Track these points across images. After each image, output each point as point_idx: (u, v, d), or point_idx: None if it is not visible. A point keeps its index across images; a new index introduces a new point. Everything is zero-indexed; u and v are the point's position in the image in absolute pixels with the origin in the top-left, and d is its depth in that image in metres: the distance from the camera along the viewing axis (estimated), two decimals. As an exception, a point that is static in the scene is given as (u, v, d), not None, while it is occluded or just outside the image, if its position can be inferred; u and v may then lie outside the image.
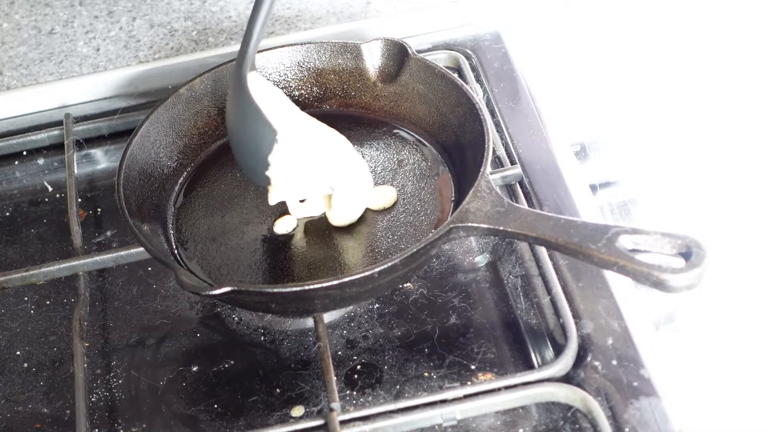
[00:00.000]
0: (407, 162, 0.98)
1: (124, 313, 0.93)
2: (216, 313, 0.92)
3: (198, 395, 0.86)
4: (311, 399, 0.84)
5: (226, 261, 0.92)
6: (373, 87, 1.02)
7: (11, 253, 1.01)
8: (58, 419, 0.86)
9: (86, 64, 1.16)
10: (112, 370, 0.89)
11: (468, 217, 0.83)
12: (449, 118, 0.97)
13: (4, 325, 0.94)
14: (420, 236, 0.91)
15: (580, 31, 1.21)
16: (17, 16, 1.23)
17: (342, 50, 1.02)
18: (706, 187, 1.13)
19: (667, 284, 0.75)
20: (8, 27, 1.22)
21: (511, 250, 0.93)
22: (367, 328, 0.88)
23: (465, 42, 1.14)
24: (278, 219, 0.94)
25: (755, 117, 1.17)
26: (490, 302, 0.89)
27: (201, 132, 1.01)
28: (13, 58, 1.18)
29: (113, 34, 1.19)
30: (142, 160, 0.95)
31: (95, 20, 1.21)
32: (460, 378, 0.83)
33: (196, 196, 0.98)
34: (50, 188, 1.07)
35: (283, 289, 0.82)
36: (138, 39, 1.18)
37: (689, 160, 1.15)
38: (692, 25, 1.22)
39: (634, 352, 0.82)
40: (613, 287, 0.87)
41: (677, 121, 1.17)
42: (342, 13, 1.17)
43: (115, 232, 1.00)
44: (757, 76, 1.20)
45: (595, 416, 0.77)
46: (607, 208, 1.00)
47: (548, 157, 0.98)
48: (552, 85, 1.10)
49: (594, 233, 0.78)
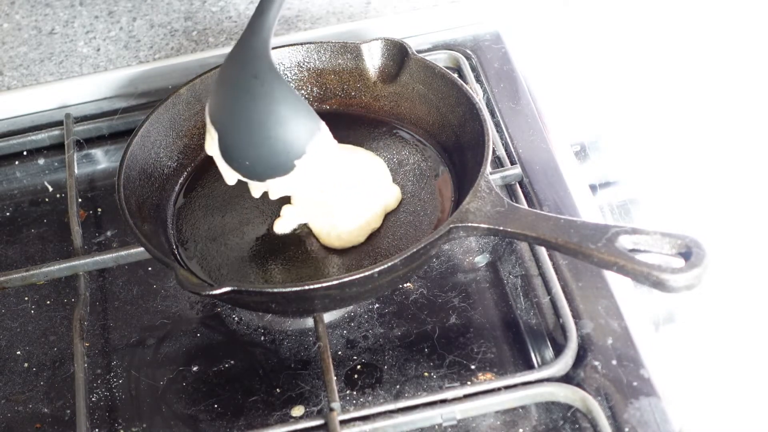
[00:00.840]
0: (407, 162, 0.98)
1: (125, 313, 0.93)
2: (216, 313, 0.92)
3: (198, 395, 0.86)
4: (311, 399, 0.84)
5: (226, 261, 0.92)
6: (373, 87, 1.02)
7: (11, 253, 1.01)
8: (58, 419, 0.86)
9: (86, 64, 1.16)
10: (113, 370, 0.89)
11: (468, 217, 0.83)
12: (449, 118, 0.97)
13: (4, 325, 0.94)
14: (420, 236, 0.91)
15: (580, 31, 1.21)
16: (18, 17, 1.23)
17: (342, 50, 1.02)
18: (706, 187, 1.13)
19: (667, 284, 0.75)
20: (9, 27, 1.22)
21: (511, 250, 0.93)
22: (367, 328, 0.88)
23: (465, 42, 1.14)
24: (278, 219, 0.94)
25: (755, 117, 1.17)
26: (490, 302, 0.89)
27: (201, 132, 1.01)
28: (13, 58, 1.18)
29: (113, 34, 1.19)
30: (143, 160, 0.95)
31: (95, 20, 1.21)
32: (460, 378, 0.84)
33: (196, 196, 0.98)
34: (50, 188, 1.07)
35: (283, 289, 0.82)
36: (138, 39, 1.18)
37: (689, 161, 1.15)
38: (692, 26, 1.22)
39: (634, 352, 0.82)
40: (613, 287, 0.87)
41: (677, 122, 1.17)
42: (342, 13, 1.17)
43: (116, 232, 1.00)
44: (756, 76, 1.20)
45: (595, 416, 0.77)
46: (607, 208, 1.00)
47: (548, 157, 0.98)
48: (552, 85, 1.10)
49: (594, 233, 0.78)
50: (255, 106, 0.85)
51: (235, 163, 0.86)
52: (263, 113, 0.85)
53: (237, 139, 0.86)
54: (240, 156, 0.86)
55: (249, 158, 0.86)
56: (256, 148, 0.85)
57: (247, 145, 0.85)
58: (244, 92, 0.85)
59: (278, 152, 0.85)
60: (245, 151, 0.86)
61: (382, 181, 0.95)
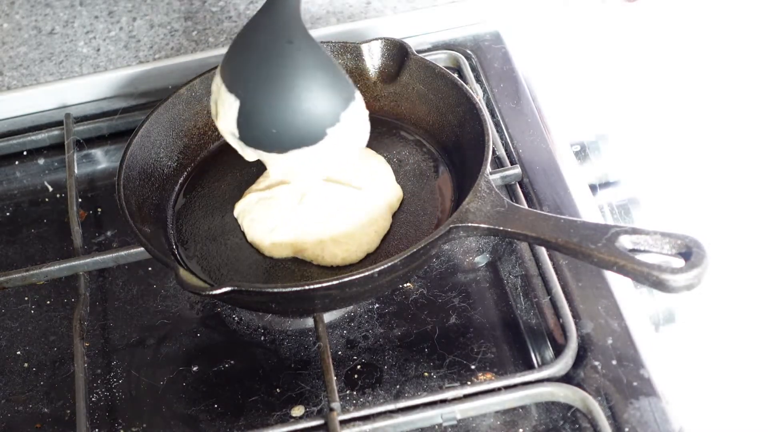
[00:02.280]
0: (407, 162, 0.98)
1: (125, 313, 0.93)
2: (216, 313, 0.92)
3: (198, 395, 0.86)
4: (311, 399, 0.84)
5: (226, 261, 0.92)
6: (373, 87, 1.02)
7: (11, 253, 1.01)
8: (58, 419, 0.86)
9: (86, 64, 1.16)
10: (113, 370, 0.89)
11: (468, 217, 0.83)
12: (449, 118, 0.97)
13: (4, 325, 0.94)
14: (420, 236, 0.91)
15: (580, 31, 1.22)
16: (18, 17, 1.23)
17: (342, 50, 1.02)
18: (706, 187, 1.13)
19: (667, 284, 0.75)
20: (8, 27, 1.22)
21: (511, 250, 0.93)
22: (367, 328, 0.88)
23: (465, 42, 1.14)
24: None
25: (755, 118, 1.17)
26: (490, 302, 0.89)
27: (201, 132, 1.01)
28: (13, 59, 1.18)
29: (113, 34, 1.19)
30: (143, 160, 0.95)
31: (95, 20, 1.21)
32: (460, 378, 0.84)
33: (196, 196, 0.98)
34: (50, 188, 1.07)
35: (283, 289, 0.82)
36: (138, 39, 1.18)
37: (689, 161, 1.16)
38: (692, 26, 1.23)
39: (634, 352, 0.82)
40: (613, 287, 0.87)
41: (677, 122, 1.17)
42: (342, 13, 1.17)
43: (115, 232, 1.00)
44: (756, 77, 1.20)
45: (595, 416, 0.77)
46: (607, 208, 1.00)
47: (548, 157, 0.98)
48: (552, 85, 1.10)
49: (594, 233, 0.78)
50: (289, 71, 0.82)
51: (257, 131, 0.84)
52: (299, 78, 0.82)
53: (265, 105, 0.83)
54: (266, 123, 0.83)
55: (277, 125, 0.83)
56: (287, 114, 0.82)
57: (276, 111, 0.83)
58: (277, 57, 0.82)
59: (310, 119, 0.82)
60: (273, 118, 0.83)
61: (389, 180, 0.95)
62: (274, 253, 0.90)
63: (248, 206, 0.93)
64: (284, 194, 0.92)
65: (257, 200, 0.93)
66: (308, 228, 0.90)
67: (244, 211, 0.93)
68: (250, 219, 0.92)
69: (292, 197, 0.91)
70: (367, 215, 0.90)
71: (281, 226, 0.90)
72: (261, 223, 0.91)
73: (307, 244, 0.89)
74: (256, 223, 0.91)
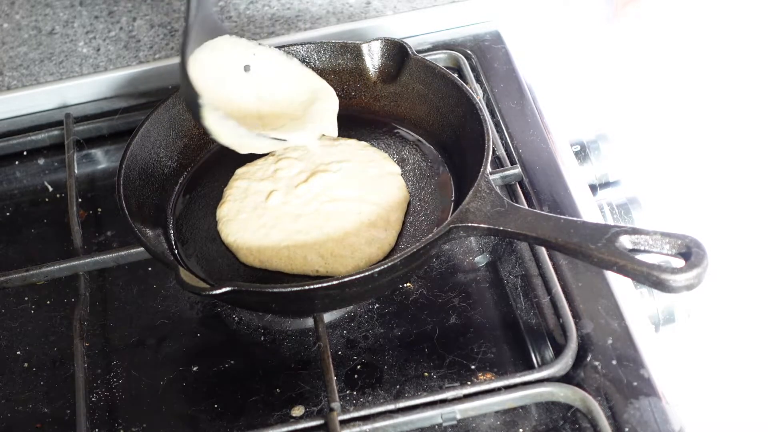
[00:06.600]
0: (407, 162, 0.98)
1: (125, 313, 0.93)
2: (216, 313, 0.92)
3: (198, 395, 0.86)
4: (311, 399, 0.84)
5: (226, 261, 0.92)
6: (373, 87, 1.02)
7: (11, 253, 1.01)
8: (58, 419, 0.86)
9: (86, 65, 1.16)
10: (113, 370, 0.89)
11: (468, 217, 0.83)
12: (449, 118, 0.97)
13: (4, 325, 0.94)
14: (420, 236, 0.91)
15: (580, 31, 1.22)
16: (18, 17, 1.23)
17: (342, 50, 1.02)
18: (706, 187, 1.13)
19: (667, 284, 0.75)
20: (9, 27, 1.22)
21: (511, 250, 0.93)
22: (367, 328, 0.88)
23: (465, 42, 1.14)
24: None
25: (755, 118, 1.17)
26: (490, 302, 0.89)
27: (201, 132, 1.01)
28: (13, 58, 1.18)
29: (113, 34, 1.19)
30: (143, 160, 0.95)
31: (95, 20, 1.21)
32: (460, 378, 0.84)
33: (196, 196, 0.98)
34: (50, 188, 1.07)
35: (283, 289, 0.82)
36: (138, 39, 1.18)
37: (689, 161, 1.16)
38: (692, 26, 1.23)
39: (634, 352, 0.82)
40: (613, 287, 0.87)
41: (677, 122, 1.18)
42: (342, 13, 1.17)
43: (115, 232, 1.00)
44: (756, 77, 1.20)
45: (595, 416, 0.77)
46: (607, 208, 1.00)
47: (548, 157, 0.98)
48: (552, 85, 1.10)
49: (594, 233, 0.78)
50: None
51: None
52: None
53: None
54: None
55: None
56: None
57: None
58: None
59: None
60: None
61: (398, 181, 0.95)
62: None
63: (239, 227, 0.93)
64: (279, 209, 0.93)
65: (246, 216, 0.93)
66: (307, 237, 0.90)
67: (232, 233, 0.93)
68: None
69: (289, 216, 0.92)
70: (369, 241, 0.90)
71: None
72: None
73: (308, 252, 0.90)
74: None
